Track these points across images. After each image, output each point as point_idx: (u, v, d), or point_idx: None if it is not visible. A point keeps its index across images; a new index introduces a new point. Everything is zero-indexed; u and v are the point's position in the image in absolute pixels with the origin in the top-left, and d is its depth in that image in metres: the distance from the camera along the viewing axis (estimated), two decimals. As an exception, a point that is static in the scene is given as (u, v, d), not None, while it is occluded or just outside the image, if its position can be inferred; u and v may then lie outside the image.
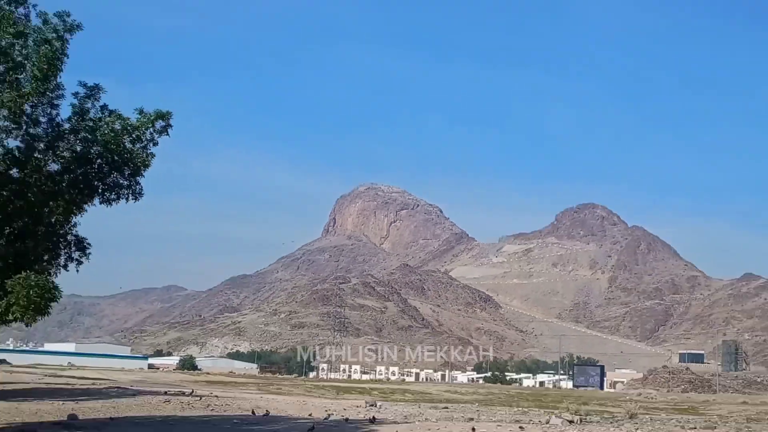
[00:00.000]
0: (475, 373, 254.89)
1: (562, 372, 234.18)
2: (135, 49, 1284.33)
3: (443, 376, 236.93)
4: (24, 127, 19.59)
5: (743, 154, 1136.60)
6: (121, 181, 21.01)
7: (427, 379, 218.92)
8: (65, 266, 21.81)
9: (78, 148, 20.32)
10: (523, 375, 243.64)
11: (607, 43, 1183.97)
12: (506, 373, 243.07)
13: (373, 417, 34.16)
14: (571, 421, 36.18)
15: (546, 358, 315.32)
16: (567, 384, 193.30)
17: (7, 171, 19.28)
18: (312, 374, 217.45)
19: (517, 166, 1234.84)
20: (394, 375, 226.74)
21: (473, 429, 28.32)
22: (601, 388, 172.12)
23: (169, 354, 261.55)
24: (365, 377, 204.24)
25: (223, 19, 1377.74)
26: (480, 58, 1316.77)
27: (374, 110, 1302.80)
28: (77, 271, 22.22)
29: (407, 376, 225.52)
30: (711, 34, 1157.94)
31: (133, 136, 20.66)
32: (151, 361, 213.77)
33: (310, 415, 34.10)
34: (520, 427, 30.69)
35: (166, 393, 50.32)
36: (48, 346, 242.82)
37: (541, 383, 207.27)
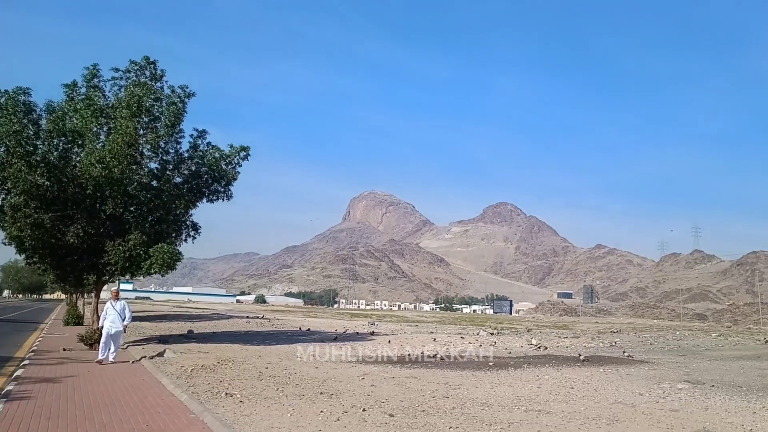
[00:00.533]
0: (434, 305, 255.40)
1: (486, 304, 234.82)
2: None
3: (415, 307, 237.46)
4: (160, 155, 19.61)
5: (599, 159, 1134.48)
6: (219, 189, 21.04)
7: (404, 309, 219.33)
8: (185, 240, 21.85)
9: (193, 168, 20.37)
10: (463, 306, 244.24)
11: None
12: (453, 305, 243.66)
13: (373, 331, 34.27)
14: (491, 333, 36.38)
15: (477, 295, 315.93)
16: (490, 312, 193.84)
17: (150, 182, 19.33)
18: (335, 306, 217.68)
19: (459, 179, 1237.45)
20: (385, 306, 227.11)
21: (434, 338, 28.45)
22: (510, 314, 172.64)
23: (249, 294, 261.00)
24: (368, 308, 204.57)
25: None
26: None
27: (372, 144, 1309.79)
28: (193, 242, 22.29)
29: (393, 307, 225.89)
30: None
31: (227, 161, 20.71)
32: (238, 298, 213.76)
33: (335, 330, 34.20)
34: (461, 336, 30.87)
35: (247, 317, 50.43)
36: (175, 289, 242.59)
37: (474, 311, 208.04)
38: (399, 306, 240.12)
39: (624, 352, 23.41)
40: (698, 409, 9.94)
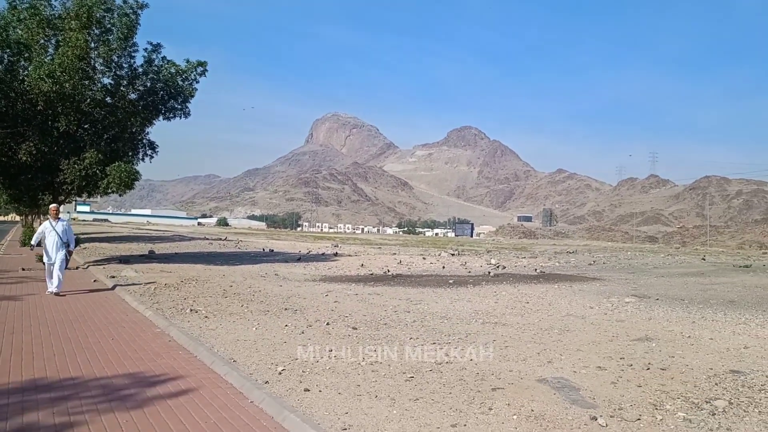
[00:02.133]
0: (397, 228, 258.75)
1: (448, 228, 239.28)
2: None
3: (378, 230, 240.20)
4: (113, 70, 18.83)
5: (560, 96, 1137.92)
6: (176, 106, 20.51)
7: (368, 232, 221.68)
8: (142, 159, 21.46)
9: (148, 84, 19.68)
10: (426, 229, 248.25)
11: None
12: (416, 229, 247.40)
13: (336, 252, 34.78)
14: (452, 254, 37.33)
15: (440, 219, 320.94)
16: (451, 234, 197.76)
17: (103, 99, 18.63)
18: (299, 229, 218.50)
19: (424, 102, 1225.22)
20: (348, 230, 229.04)
21: (397, 259, 29.09)
22: (472, 237, 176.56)
23: (210, 216, 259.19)
24: (331, 231, 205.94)
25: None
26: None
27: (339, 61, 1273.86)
28: (150, 162, 21.95)
29: (356, 230, 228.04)
30: None
31: (183, 76, 20.06)
32: (199, 220, 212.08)
33: (298, 251, 34.55)
34: (423, 257, 31.61)
35: (206, 238, 50.31)
36: (134, 212, 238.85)
37: (437, 234, 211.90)
38: (362, 229, 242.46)
39: (576, 269, 24.48)
40: (642, 319, 10.60)
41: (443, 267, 23.66)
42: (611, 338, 8.67)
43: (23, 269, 17.31)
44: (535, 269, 24.34)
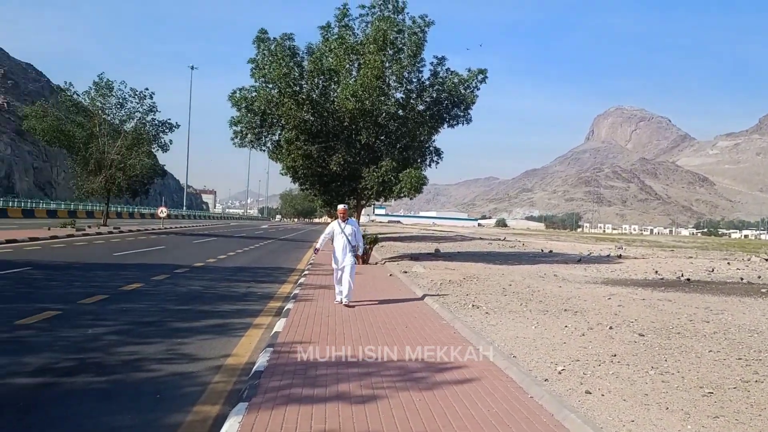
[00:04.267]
0: (694, 229, 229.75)
1: (762, 229, 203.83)
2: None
3: (670, 231, 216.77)
4: (404, 85, 20.72)
5: None
6: (459, 113, 21.63)
7: (657, 233, 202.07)
8: (429, 165, 23.16)
9: (434, 95, 21.18)
10: (731, 231, 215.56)
11: None
12: (718, 229, 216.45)
13: (620, 254, 32.58)
14: (767, 259, 31.66)
15: (749, 219, 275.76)
16: (766, 236, 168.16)
17: (396, 112, 20.66)
18: (578, 230, 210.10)
19: (726, 86, 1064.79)
20: (635, 231, 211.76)
21: (693, 264, 26.05)
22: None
23: (489, 217, 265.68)
24: (614, 232, 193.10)
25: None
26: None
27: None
28: (436, 167, 23.53)
29: (643, 231, 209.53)
30: None
31: (465, 85, 21.05)
32: (479, 221, 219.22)
33: (579, 252, 33.34)
34: (728, 262, 27.60)
35: (480, 238, 51.75)
36: (421, 214, 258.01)
37: (745, 236, 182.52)
38: (651, 230, 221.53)
39: None
40: None
41: (758, 276, 20.23)
42: None
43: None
44: None
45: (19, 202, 56.53)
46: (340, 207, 11.45)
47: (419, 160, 22.19)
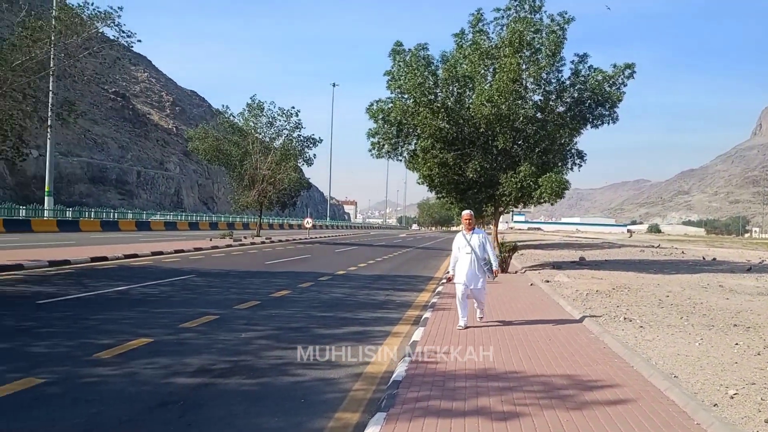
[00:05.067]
0: None
1: None
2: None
3: None
4: (542, 87, 19.96)
5: None
6: (603, 113, 20.40)
7: None
8: (571, 168, 22.04)
9: (575, 95, 20.17)
10: None
11: None
12: None
13: (800, 263, 28.65)
14: None
15: None
16: None
17: (534, 115, 19.96)
18: (746, 235, 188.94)
19: None
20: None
21: None
22: None
23: (640, 223, 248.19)
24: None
25: None
26: None
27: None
28: (578, 171, 22.39)
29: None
30: None
31: (610, 82, 19.82)
32: (629, 227, 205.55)
33: (747, 260, 29.88)
34: None
35: (632, 246, 48.20)
36: (563, 220, 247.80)
37: None
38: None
39: None
40: None
41: None
42: None
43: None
44: None
45: (186, 216, 62.62)
46: (465, 213, 9.46)
47: (560, 164, 21.18)
